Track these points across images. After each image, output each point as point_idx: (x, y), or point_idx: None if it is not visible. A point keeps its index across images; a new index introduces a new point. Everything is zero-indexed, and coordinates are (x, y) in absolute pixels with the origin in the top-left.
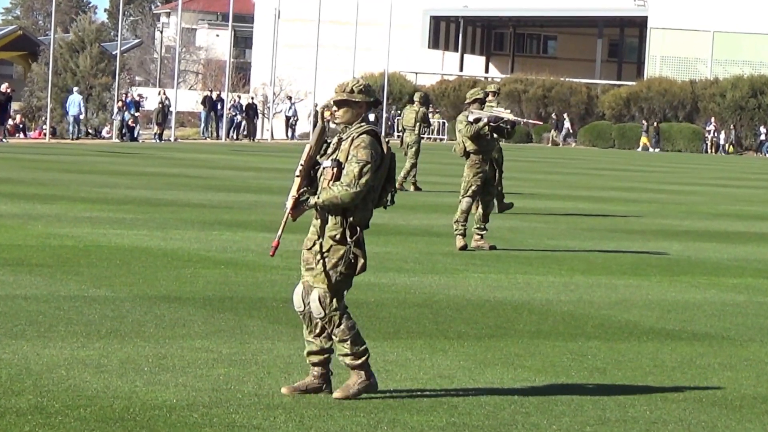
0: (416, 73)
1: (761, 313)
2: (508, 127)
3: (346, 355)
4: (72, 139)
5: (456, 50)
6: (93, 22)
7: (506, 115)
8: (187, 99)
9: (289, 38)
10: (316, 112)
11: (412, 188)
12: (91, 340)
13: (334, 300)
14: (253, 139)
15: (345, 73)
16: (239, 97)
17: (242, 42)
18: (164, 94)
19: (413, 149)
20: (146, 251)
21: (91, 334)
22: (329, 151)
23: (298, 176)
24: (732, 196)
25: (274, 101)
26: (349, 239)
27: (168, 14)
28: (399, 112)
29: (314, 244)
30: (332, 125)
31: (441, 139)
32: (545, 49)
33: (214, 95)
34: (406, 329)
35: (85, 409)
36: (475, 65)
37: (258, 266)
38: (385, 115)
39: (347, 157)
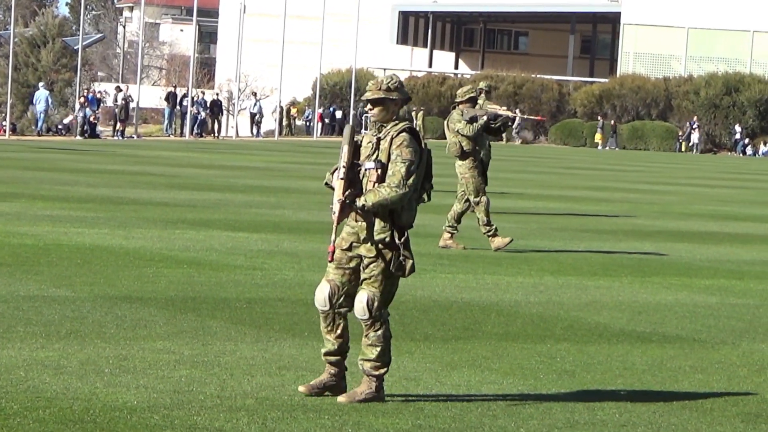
0: (384, 69)
1: (733, 315)
2: (510, 123)
3: (369, 360)
4: (38, 135)
5: (425, 46)
6: (55, 16)
7: (503, 111)
8: (150, 95)
9: (255, 33)
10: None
11: None
12: (50, 341)
13: (384, 304)
14: (218, 137)
15: (311, 69)
16: (203, 94)
17: (207, 37)
18: (120, 90)
19: None
20: (108, 250)
21: (50, 334)
22: (368, 152)
23: (342, 179)
24: (706, 196)
25: (239, 98)
26: (398, 241)
27: (131, 8)
28: (366, 108)
29: (351, 246)
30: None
31: None
32: (516, 45)
33: (178, 91)
34: None
35: (44, 411)
36: (444, 61)
37: (221, 266)
38: (352, 111)
39: (388, 156)
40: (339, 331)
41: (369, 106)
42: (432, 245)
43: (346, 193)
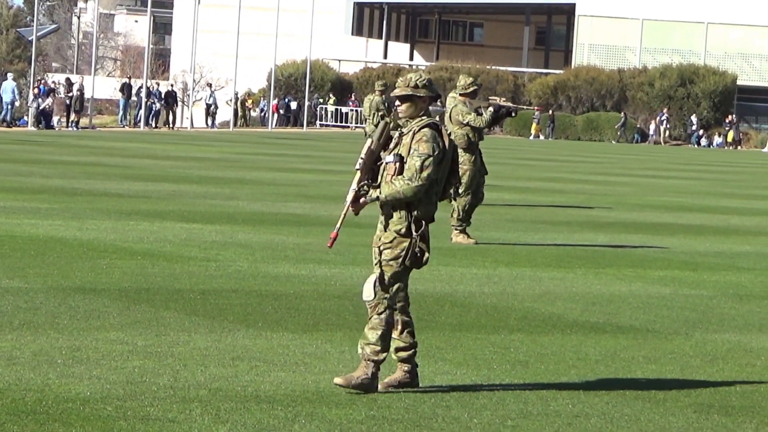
0: (339, 61)
1: (687, 305)
2: (513, 114)
3: (369, 344)
4: (8, 127)
5: (380, 37)
6: (10, 7)
7: (504, 102)
8: (105, 86)
9: (210, 24)
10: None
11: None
12: (3, 332)
13: (388, 288)
14: (173, 128)
15: (266, 60)
16: (158, 85)
17: (161, 28)
18: (70, 82)
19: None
20: (61, 241)
21: (3, 325)
22: (391, 146)
23: (358, 169)
24: (660, 187)
25: (194, 89)
26: (414, 233)
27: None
28: (321, 100)
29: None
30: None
31: (362, 128)
32: (471, 36)
33: (133, 82)
34: (325, 321)
35: None
36: (399, 53)
37: (175, 257)
38: (307, 102)
39: (409, 151)
40: (400, 327)
41: (397, 102)
42: None
43: (361, 183)
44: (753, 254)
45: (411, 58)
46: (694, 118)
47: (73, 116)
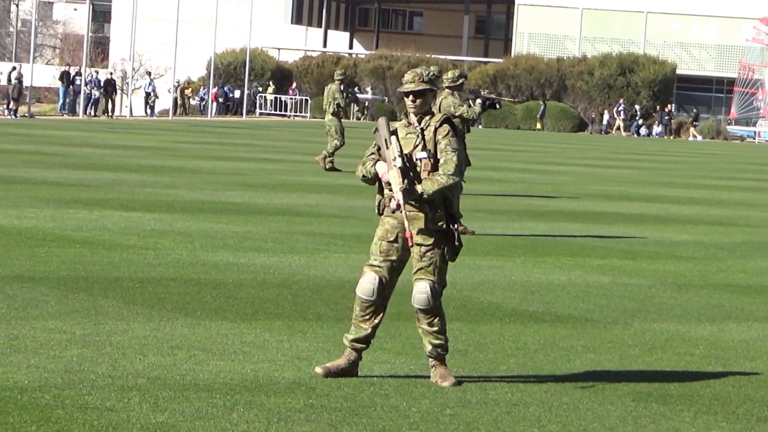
0: (279, 49)
1: (625, 294)
2: (498, 106)
3: (440, 346)
4: None
5: (320, 26)
6: None
7: (488, 95)
8: (44, 74)
9: (149, 12)
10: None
11: (328, 166)
12: None
13: (441, 292)
14: (112, 116)
15: (206, 49)
16: (97, 73)
17: (101, 16)
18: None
19: (332, 129)
20: None
21: None
22: (413, 142)
23: (400, 168)
24: (599, 176)
25: (133, 77)
26: (453, 228)
27: None
28: (260, 88)
29: (397, 237)
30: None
31: (304, 117)
32: (411, 25)
33: (72, 70)
34: (264, 310)
35: None
36: (339, 41)
37: (114, 246)
38: (246, 91)
39: (434, 146)
40: (377, 321)
41: (411, 97)
42: (326, 225)
43: (405, 181)
44: (692, 243)
45: (351, 47)
46: (636, 107)
47: (12, 104)
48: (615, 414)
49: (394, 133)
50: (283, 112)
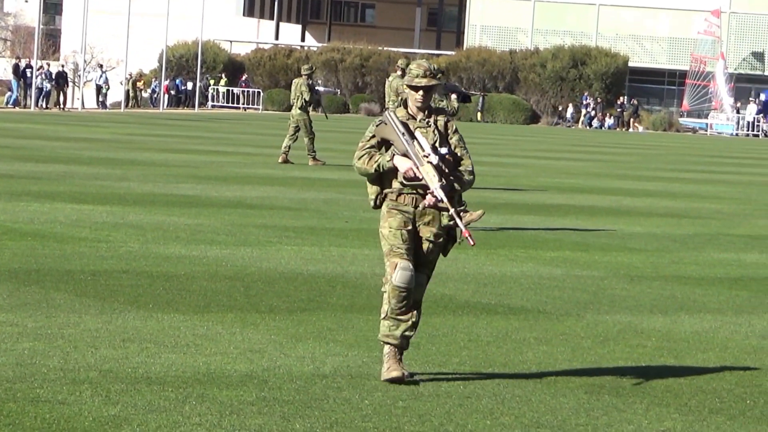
0: (231, 42)
1: (578, 286)
2: (469, 100)
3: (409, 338)
4: None
5: (272, 18)
6: None
7: (462, 90)
8: None
9: (101, 5)
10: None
11: (281, 159)
12: None
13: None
14: (63, 108)
15: (158, 41)
16: (49, 65)
17: (52, 8)
18: None
19: (301, 123)
20: None
21: None
22: (430, 139)
23: (435, 164)
24: (552, 169)
25: (84, 69)
26: (461, 224)
27: None
28: (212, 81)
29: (412, 228)
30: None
31: (256, 109)
32: (363, 17)
33: (23, 63)
34: (216, 302)
35: None
36: (291, 34)
37: (66, 238)
38: (198, 83)
39: (446, 141)
40: (416, 318)
41: (421, 92)
42: (278, 217)
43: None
44: (644, 235)
45: (303, 39)
46: (590, 100)
47: None
48: (567, 406)
49: (406, 127)
50: (234, 105)
